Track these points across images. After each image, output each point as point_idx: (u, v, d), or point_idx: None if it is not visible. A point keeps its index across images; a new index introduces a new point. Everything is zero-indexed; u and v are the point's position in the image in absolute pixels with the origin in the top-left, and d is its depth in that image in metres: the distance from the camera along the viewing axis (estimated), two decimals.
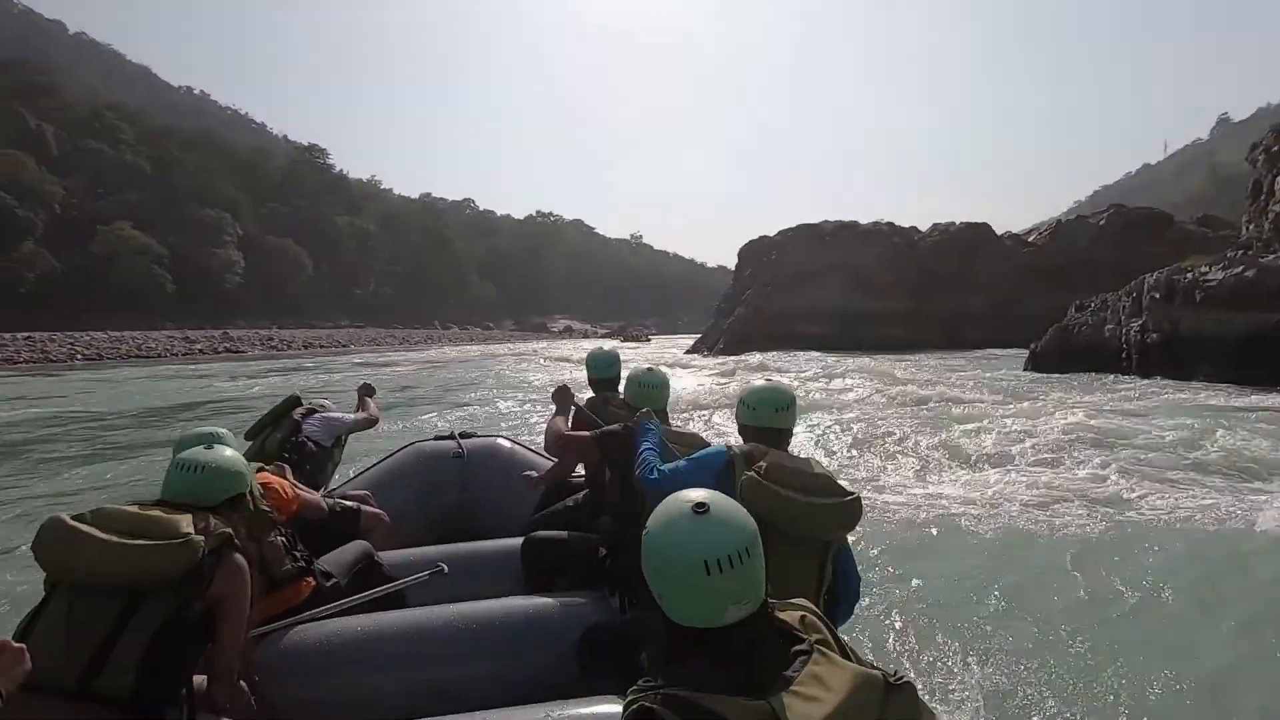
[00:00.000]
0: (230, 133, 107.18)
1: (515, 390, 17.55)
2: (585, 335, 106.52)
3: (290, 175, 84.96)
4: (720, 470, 2.05)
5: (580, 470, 3.29)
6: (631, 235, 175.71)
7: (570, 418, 3.32)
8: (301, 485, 2.80)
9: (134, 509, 1.81)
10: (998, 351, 27.72)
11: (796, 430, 2.36)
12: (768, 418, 2.22)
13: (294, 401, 3.64)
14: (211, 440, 2.19)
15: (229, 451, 2.09)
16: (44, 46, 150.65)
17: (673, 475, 2.11)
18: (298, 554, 2.44)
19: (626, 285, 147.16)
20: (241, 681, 1.98)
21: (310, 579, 2.45)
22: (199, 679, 1.88)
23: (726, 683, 1.05)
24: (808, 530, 1.91)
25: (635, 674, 1.25)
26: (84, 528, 1.72)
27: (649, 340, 73.65)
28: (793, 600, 1.27)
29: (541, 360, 30.10)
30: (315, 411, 3.62)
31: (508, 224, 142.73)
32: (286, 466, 2.89)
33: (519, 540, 3.01)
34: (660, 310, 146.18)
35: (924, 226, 45.14)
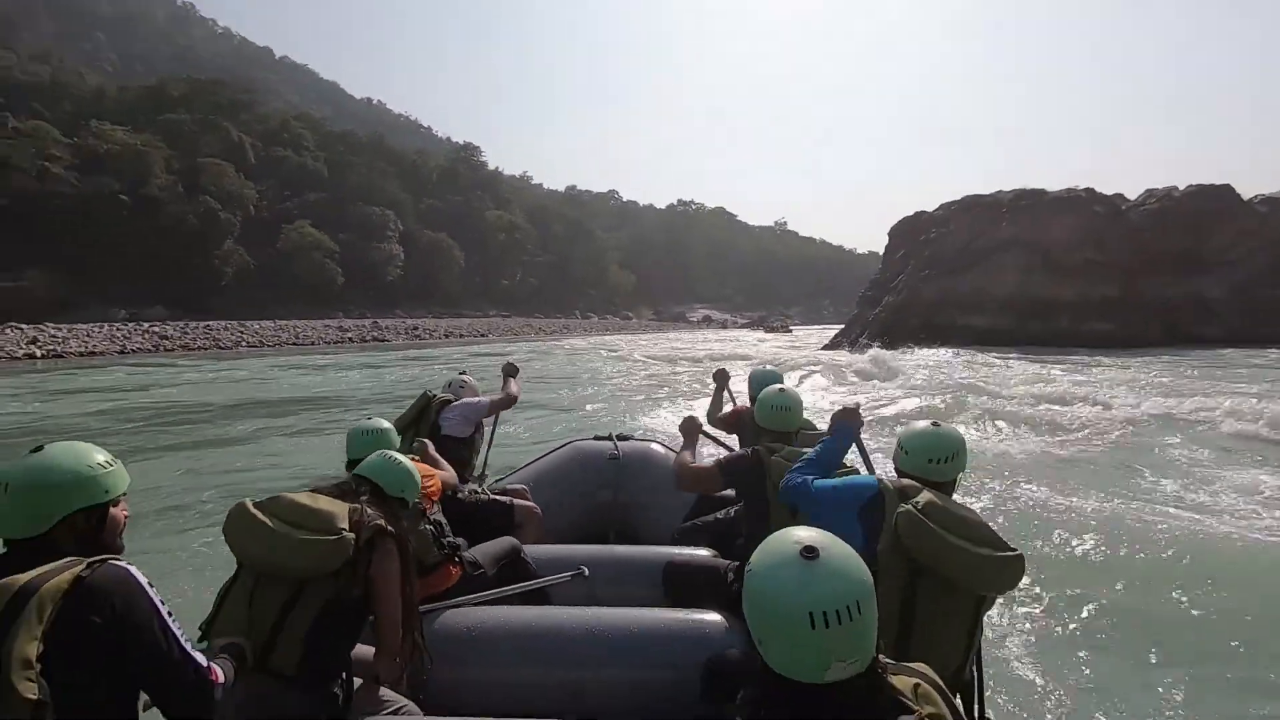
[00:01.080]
0: (398, 136, 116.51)
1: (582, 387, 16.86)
2: (724, 325, 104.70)
3: (447, 173, 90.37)
4: (868, 502, 1.95)
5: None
6: (775, 222, 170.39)
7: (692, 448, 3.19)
8: (442, 461, 2.97)
9: (302, 500, 1.94)
10: (1252, 354, 21.33)
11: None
12: (921, 467, 2.04)
13: (425, 400, 3.75)
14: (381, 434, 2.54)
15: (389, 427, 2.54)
16: (254, 69, 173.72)
17: (815, 491, 2.05)
18: (444, 542, 2.59)
19: (769, 273, 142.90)
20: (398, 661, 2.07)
21: (457, 567, 2.62)
22: (358, 650, 2.02)
23: None
24: (968, 581, 1.78)
25: None
26: (260, 516, 1.87)
27: (789, 331, 70.37)
28: (911, 665, 1.20)
29: (623, 358, 27.69)
30: (450, 403, 3.71)
31: (649, 213, 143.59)
32: (428, 442, 3.06)
33: (663, 551, 3.09)
34: (805, 299, 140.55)
35: (1131, 193, 35.20)
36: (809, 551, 1.09)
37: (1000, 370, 16.76)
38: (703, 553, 3.02)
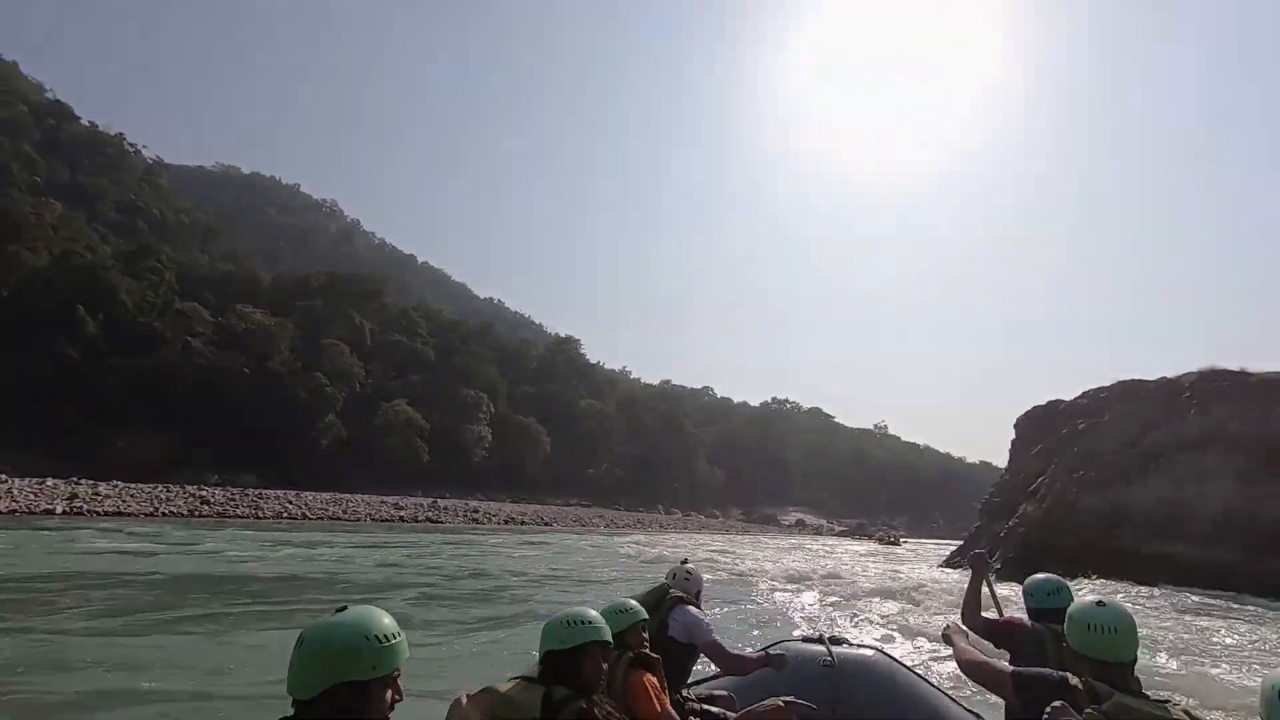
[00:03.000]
0: (510, 330, 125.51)
1: None
2: (818, 531, 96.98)
3: (545, 362, 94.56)
4: None
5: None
6: (875, 425, 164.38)
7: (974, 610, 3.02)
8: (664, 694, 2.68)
9: (508, 690, 2.00)
10: None
11: None
12: (1105, 648, 1.96)
13: (663, 591, 3.53)
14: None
15: (589, 612, 2.23)
16: (398, 271, 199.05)
17: None
18: None
19: (869, 479, 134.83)
20: None
21: None
22: None
23: None
24: None
25: None
26: (469, 708, 1.93)
27: (899, 544, 63.60)
28: None
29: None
30: (683, 603, 3.48)
31: (743, 410, 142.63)
32: (658, 658, 2.74)
33: None
34: (909, 508, 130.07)
35: None
36: None
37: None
38: None
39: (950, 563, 29.11)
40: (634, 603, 2.83)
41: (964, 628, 3.00)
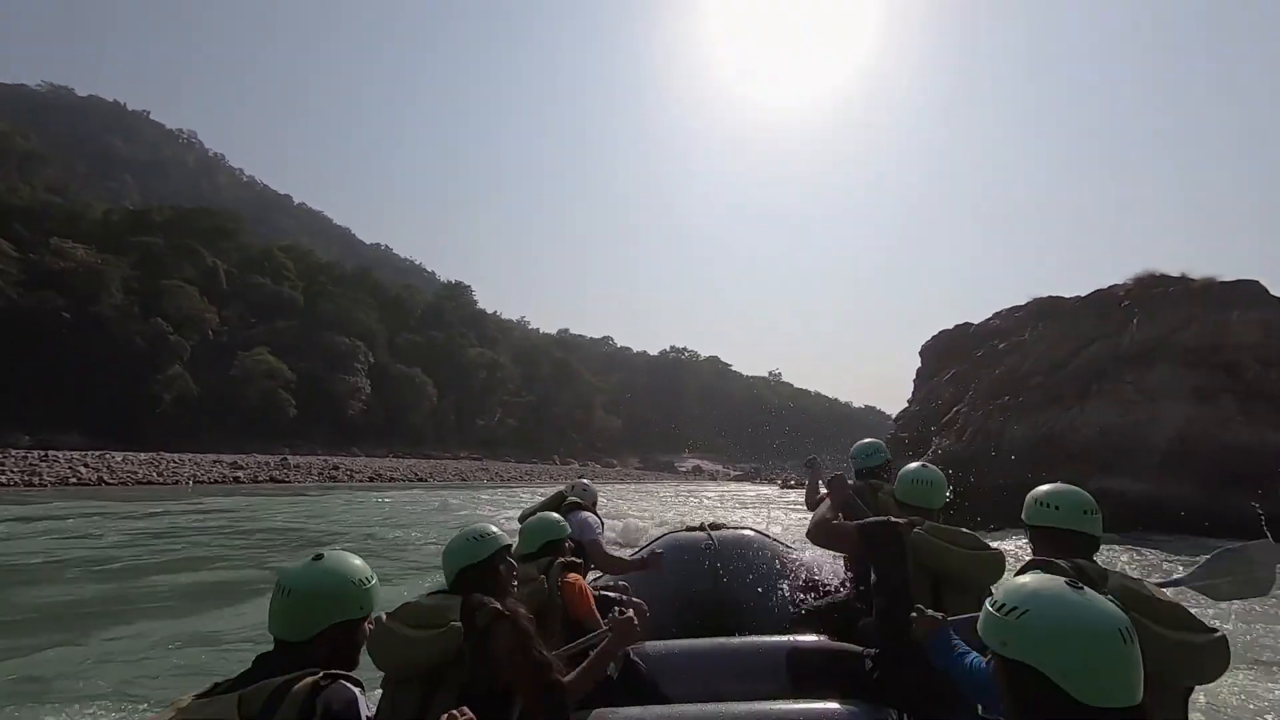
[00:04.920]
0: (401, 278, 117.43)
1: None
2: (714, 476, 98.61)
3: (432, 309, 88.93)
4: None
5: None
6: (770, 372, 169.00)
7: (837, 509, 3.02)
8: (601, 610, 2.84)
9: (426, 600, 2.06)
10: None
11: None
12: (1076, 520, 1.97)
13: (561, 497, 3.80)
14: (483, 527, 2.29)
15: (490, 529, 2.23)
16: (272, 213, 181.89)
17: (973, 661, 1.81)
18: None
19: (763, 424, 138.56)
20: None
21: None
22: None
23: None
24: (1174, 674, 1.60)
25: None
26: (390, 624, 1.94)
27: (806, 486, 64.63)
28: None
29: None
30: (578, 508, 3.72)
31: (641, 360, 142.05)
32: (581, 561, 3.09)
33: (779, 640, 2.99)
34: (800, 452, 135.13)
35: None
36: (1074, 584, 1.13)
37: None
38: (823, 638, 2.90)
39: None
40: (558, 519, 2.98)
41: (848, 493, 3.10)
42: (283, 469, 34.89)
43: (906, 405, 27.51)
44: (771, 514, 24.62)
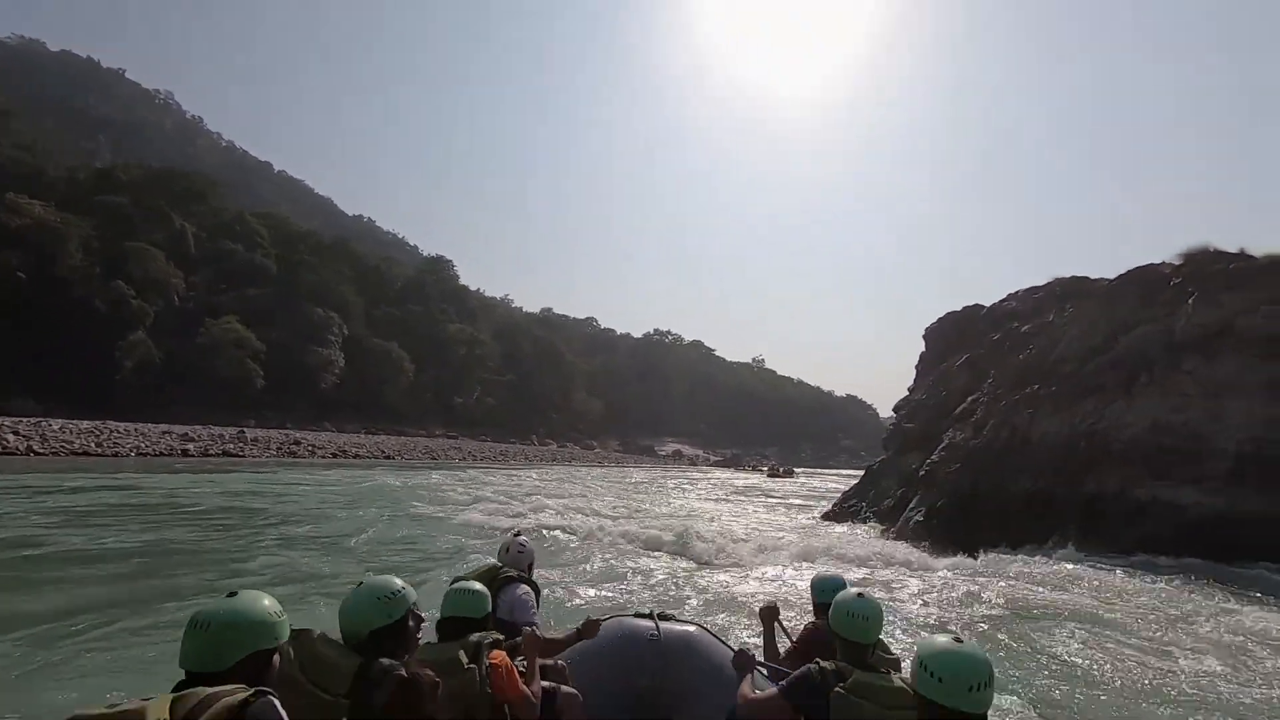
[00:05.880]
0: (383, 251, 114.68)
1: None
2: (694, 461, 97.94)
3: (413, 283, 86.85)
4: None
5: None
6: (754, 359, 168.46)
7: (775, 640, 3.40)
8: (530, 684, 2.76)
9: (325, 650, 2.02)
10: None
11: None
12: (962, 697, 1.82)
13: (494, 571, 3.64)
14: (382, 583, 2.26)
15: (397, 584, 2.21)
16: (252, 180, 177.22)
17: None
18: None
19: (745, 411, 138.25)
20: None
21: None
22: None
23: None
24: None
25: None
26: (288, 669, 1.91)
27: (792, 475, 64.31)
28: None
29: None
30: (512, 583, 3.60)
31: (625, 342, 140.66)
32: (504, 638, 2.84)
33: None
34: (780, 440, 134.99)
35: None
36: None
37: None
38: None
39: (837, 513, 21.94)
40: (481, 589, 2.83)
41: (779, 623, 3.64)
42: (238, 443, 33.10)
43: (908, 393, 24.88)
44: (773, 515, 22.98)
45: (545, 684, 3.10)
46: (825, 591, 3.46)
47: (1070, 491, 14.52)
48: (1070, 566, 11.06)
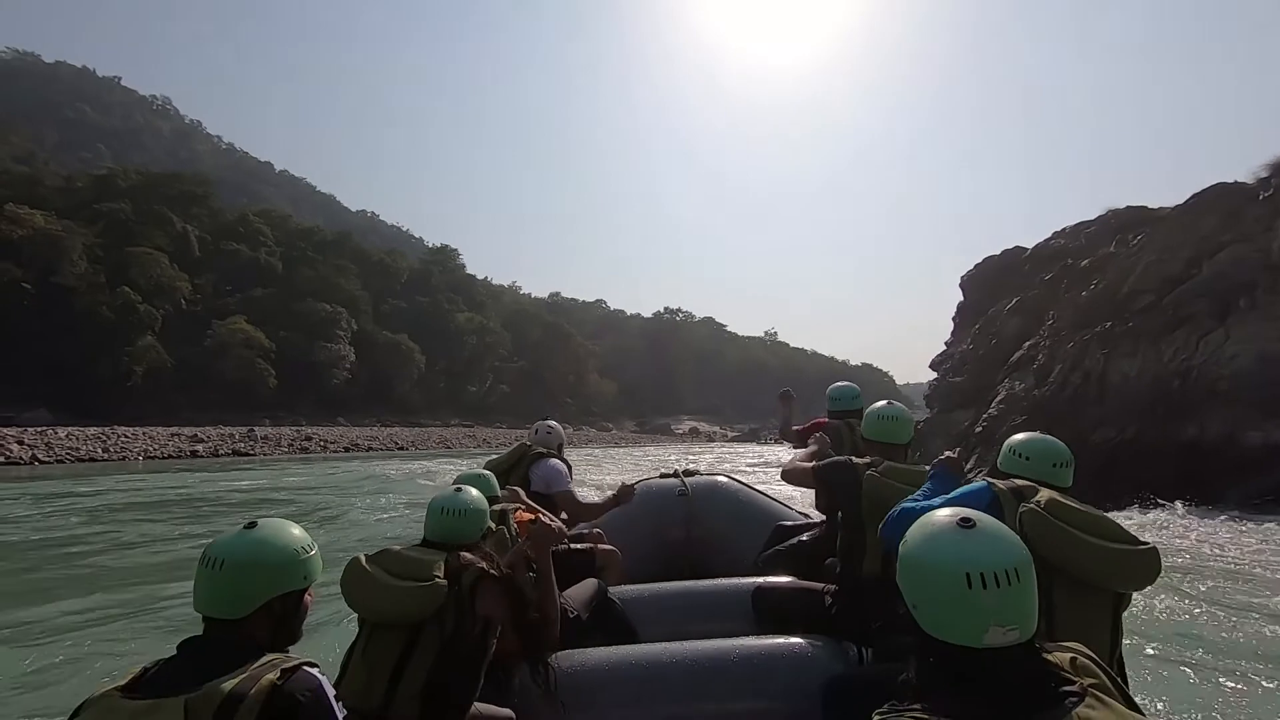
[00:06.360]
0: (386, 244, 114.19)
1: None
2: (711, 438, 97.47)
3: (418, 274, 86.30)
4: (985, 508, 1.67)
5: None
6: (766, 332, 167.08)
7: (814, 456, 3.17)
8: (544, 512, 2.89)
9: (409, 551, 2.04)
10: None
11: None
12: (1045, 471, 1.95)
13: (523, 449, 3.69)
14: (461, 485, 2.33)
15: (474, 493, 2.25)
16: (254, 181, 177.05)
17: (923, 511, 1.65)
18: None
19: (759, 385, 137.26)
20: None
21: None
22: (478, 709, 2.02)
23: (986, 712, 1.00)
24: (1103, 578, 1.73)
25: None
26: (370, 568, 1.93)
27: None
28: (1063, 643, 1.16)
29: None
30: (544, 457, 3.63)
31: (635, 322, 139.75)
32: (519, 490, 3.13)
33: (747, 581, 3.04)
34: (799, 412, 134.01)
35: None
36: (965, 521, 1.12)
37: None
38: (790, 579, 2.95)
39: None
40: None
41: (793, 452, 3.55)
42: (249, 441, 32.81)
43: (945, 347, 23.26)
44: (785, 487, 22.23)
45: (581, 545, 3.24)
46: (841, 400, 3.77)
47: (1164, 438, 12.74)
48: (1178, 521, 9.84)
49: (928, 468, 2.31)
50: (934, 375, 23.09)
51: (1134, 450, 12.91)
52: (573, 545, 3.24)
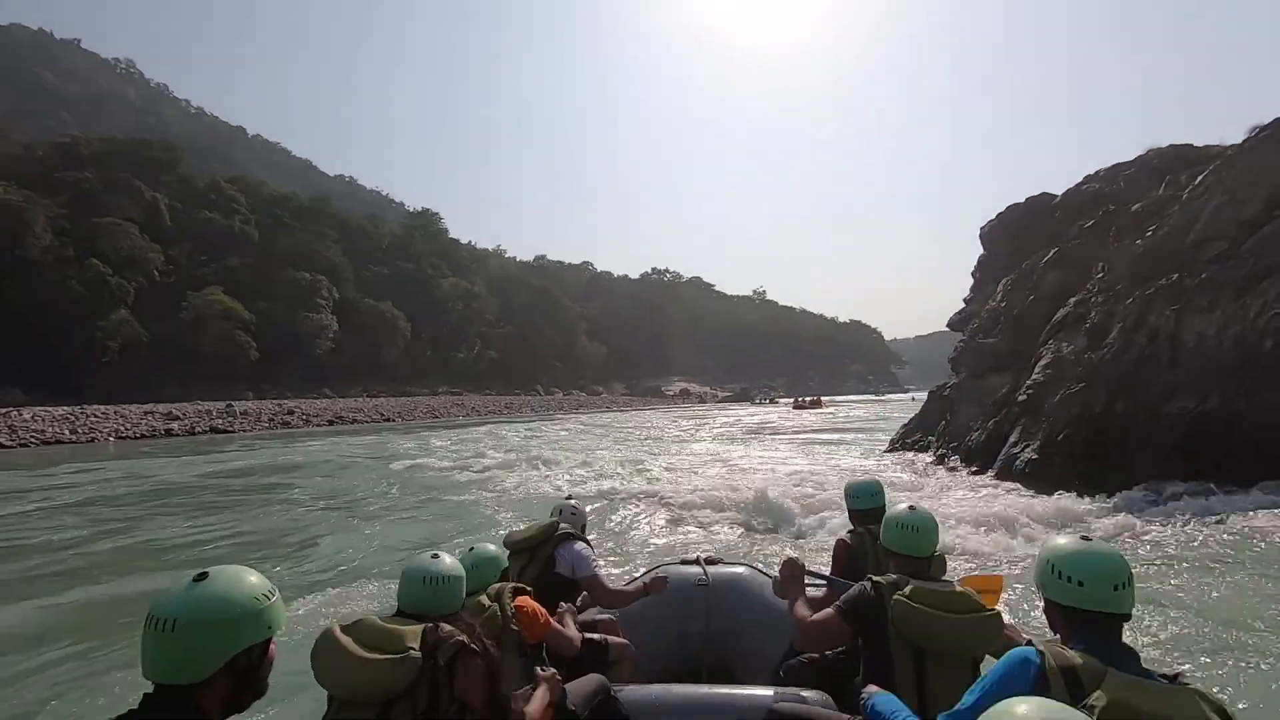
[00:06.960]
0: (367, 209, 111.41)
1: None
2: (702, 399, 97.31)
3: (400, 240, 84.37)
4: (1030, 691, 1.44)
5: None
6: (754, 291, 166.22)
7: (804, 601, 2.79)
8: (563, 621, 2.85)
9: (386, 622, 1.90)
10: None
11: None
12: (1102, 598, 1.57)
13: (553, 527, 3.49)
14: (438, 552, 2.20)
15: (449, 560, 2.13)
16: (226, 147, 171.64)
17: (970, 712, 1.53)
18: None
19: (750, 344, 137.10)
20: None
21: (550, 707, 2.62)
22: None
23: None
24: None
25: None
26: (343, 639, 1.81)
27: (820, 404, 62.89)
28: None
29: None
30: (571, 540, 3.48)
31: (623, 284, 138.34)
32: (528, 588, 2.85)
33: (764, 693, 2.76)
34: (787, 370, 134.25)
35: None
36: None
37: None
38: (811, 696, 2.69)
39: (900, 444, 19.34)
40: (496, 551, 2.83)
41: (811, 569, 3.06)
42: (226, 417, 31.79)
43: (964, 305, 21.17)
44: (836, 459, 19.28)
45: (594, 636, 3.09)
46: (860, 497, 3.42)
47: (1256, 409, 10.83)
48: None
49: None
50: (954, 334, 20.55)
51: (1201, 426, 11.15)
52: (586, 635, 3.08)
